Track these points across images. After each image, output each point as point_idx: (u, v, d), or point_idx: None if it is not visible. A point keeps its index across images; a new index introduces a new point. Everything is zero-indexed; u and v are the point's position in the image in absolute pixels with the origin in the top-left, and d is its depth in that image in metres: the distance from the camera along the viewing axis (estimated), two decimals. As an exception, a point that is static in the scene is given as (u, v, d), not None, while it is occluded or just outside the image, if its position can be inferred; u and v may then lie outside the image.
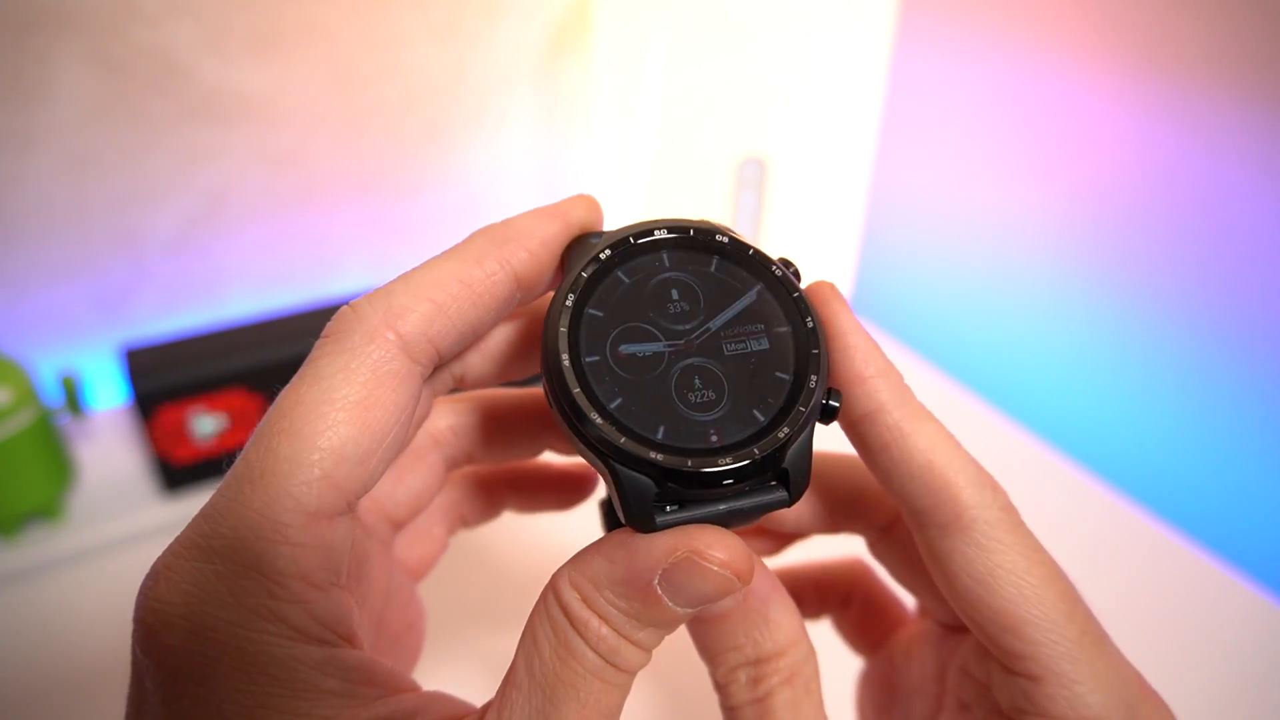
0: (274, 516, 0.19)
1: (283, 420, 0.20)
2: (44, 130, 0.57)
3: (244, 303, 0.70)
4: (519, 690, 0.20)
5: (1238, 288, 0.59)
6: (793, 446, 0.21)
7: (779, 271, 0.23)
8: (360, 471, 0.20)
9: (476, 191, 0.75)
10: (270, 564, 0.19)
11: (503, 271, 0.23)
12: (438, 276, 0.22)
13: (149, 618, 0.19)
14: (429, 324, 0.21)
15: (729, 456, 0.20)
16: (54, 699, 0.46)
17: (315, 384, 0.20)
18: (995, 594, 0.22)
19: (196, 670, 0.19)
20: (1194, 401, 0.63)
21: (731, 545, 0.20)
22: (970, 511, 0.22)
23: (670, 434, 0.21)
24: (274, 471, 0.19)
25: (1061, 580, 0.23)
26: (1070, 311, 0.70)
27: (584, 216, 0.25)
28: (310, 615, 0.19)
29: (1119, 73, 0.62)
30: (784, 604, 0.23)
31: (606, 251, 0.23)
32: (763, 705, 0.23)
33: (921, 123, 0.78)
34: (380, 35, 0.65)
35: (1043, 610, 0.22)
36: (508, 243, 0.23)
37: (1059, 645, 0.22)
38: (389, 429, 0.21)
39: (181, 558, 0.19)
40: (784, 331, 0.23)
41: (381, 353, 0.21)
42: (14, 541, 0.54)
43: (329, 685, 0.19)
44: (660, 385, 0.21)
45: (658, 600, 0.20)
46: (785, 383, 0.22)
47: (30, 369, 0.53)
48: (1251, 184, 0.57)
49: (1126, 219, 0.64)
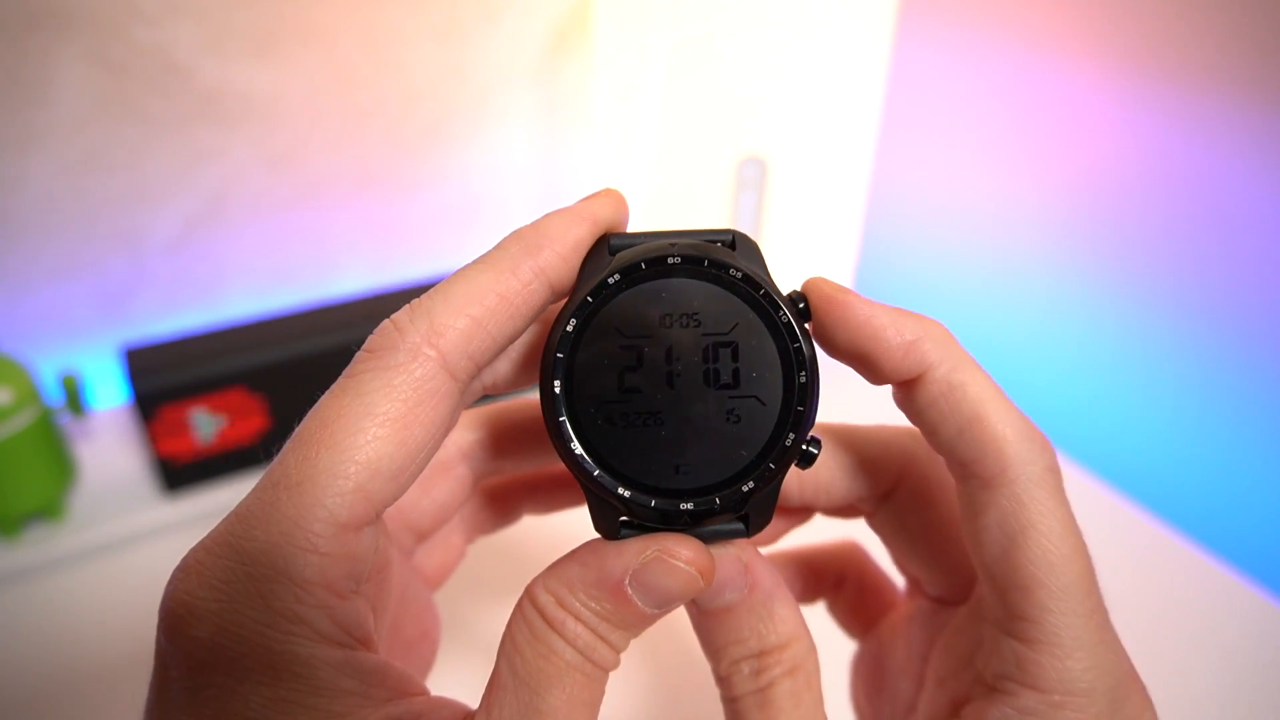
0: (306, 525, 0.20)
1: (323, 430, 0.20)
2: (44, 130, 0.57)
3: (244, 303, 0.70)
4: (505, 689, 0.21)
5: (1239, 286, 0.59)
6: (757, 497, 0.22)
7: (785, 317, 0.23)
8: (393, 486, 0.21)
9: (476, 191, 0.75)
10: (299, 571, 0.20)
11: (538, 281, 0.23)
12: (475, 290, 0.22)
13: (179, 609, 0.20)
14: (469, 341, 0.22)
15: (690, 501, 0.22)
16: (54, 699, 0.46)
17: (358, 398, 0.21)
18: (1022, 551, 0.22)
19: (223, 663, 0.19)
20: (1194, 401, 0.63)
21: (696, 547, 0.22)
22: (1016, 466, 0.23)
23: (642, 471, 0.22)
24: (311, 481, 0.20)
25: (1086, 560, 0.23)
26: (1071, 311, 0.70)
27: (611, 216, 0.25)
28: (332, 620, 0.20)
29: (1120, 73, 0.62)
30: (787, 599, 0.24)
31: (615, 276, 0.22)
32: (764, 695, 0.23)
33: (921, 122, 0.78)
34: (380, 35, 0.65)
35: (1062, 580, 0.22)
36: (541, 250, 0.23)
37: (1066, 617, 0.22)
38: (425, 445, 0.21)
39: (214, 554, 0.20)
40: (776, 380, 0.22)
41: (423, 370, 0.21)
42: (15, 541, 0.54)
43: (346, 685, 0.20)
44: (644, 420, 0.22)
45: (627, 600, 0.21)
46: (765, 435, 0.22)
47: (31, 368, 0.53)
48: (1253, 181, 0.57)
49: (1127, 218, 0.64)
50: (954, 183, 0.77)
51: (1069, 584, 0.22)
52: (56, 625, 0.51)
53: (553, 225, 0.23)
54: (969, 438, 0.23)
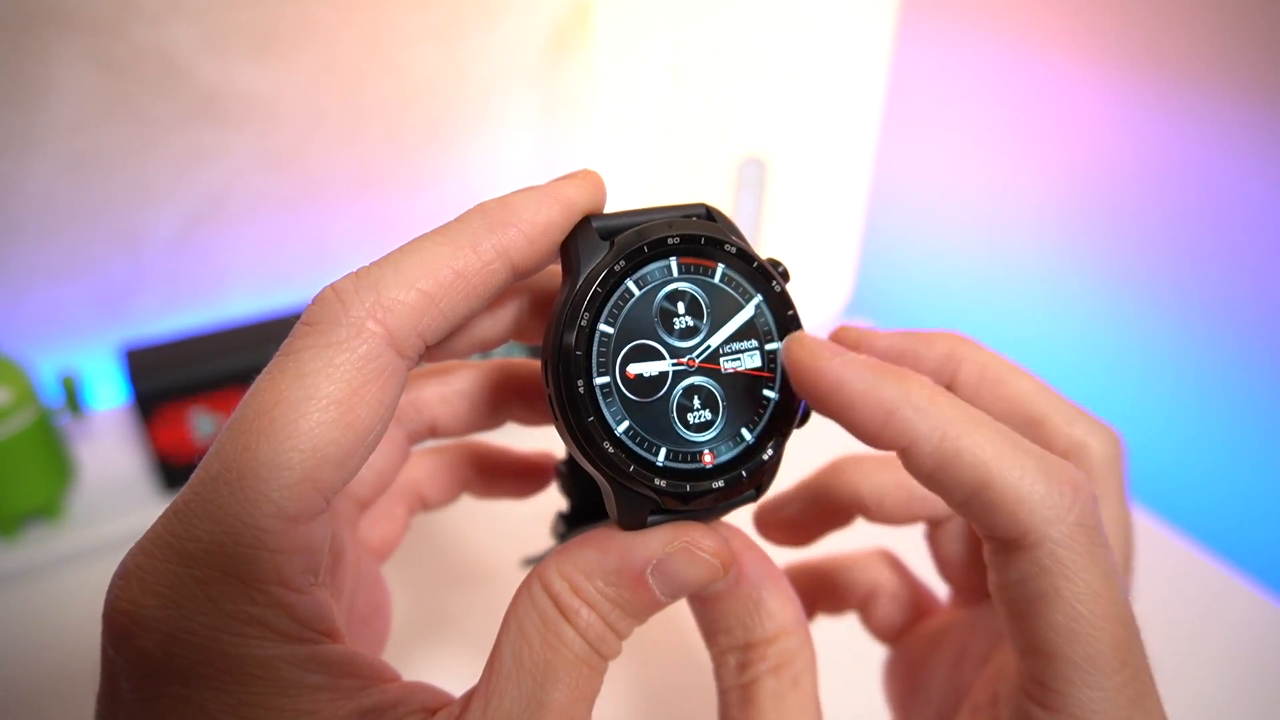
0: (253, 522, 0.18)
1: (261, 418, 0.19)
2: (44, 130, 0.57)
3: (244, 303, 0.70)
4: (508, 679, 0.20)
5: (1237, 283, 0.59)
6: (776, 464, 0.23)
7: (778, 286, 0.23)
8: (341, 472, 0.19)
9: (476, 191, 0.75)
10: (249, 570, 0.18)
11: (500, 261, 0.21)
12: (429, 263, 0.21)
13: (122, 619, 0.19)
14: (419, 317, 0.20)
15: (720, 479, 0.22)
16: (54, 699, 0.46)
17: (298, 379, 0.19)
18: (1044, 618, 0.20)
19: (177, 672, 0.18)
20: (1194, 400, 0.63)
21: (717, 537, 0.22)
22: (1039, 529, 0.20)
23: (671, 456, 0.22)
24: (253, 473, 0.18)
25: (1121, 625, 0.20)
26: (1071, 311, 0.70)
27: (587, 199, 0.23)
28: (291, 617, 0.19)
29: (1118, 71, 0.62)
30: (780, 592, 0.23)
31: (620, 262, 0.22)
32: (747, 692, 0.23)
33: (922, 123, 0.78)
34: (380, 35, 0.65)
35: (1087, 651, 0.20)
36: (506, 227, 0.21)
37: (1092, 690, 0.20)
38: (372, 428, 0.20)
39: (154, 558, 0.19)
40: (774, 349, 0.23)
41: (368, 349, 0.20)
42: (14, 541, 0.54)
43: (312, 681, 0.19)
44: (663, 406, 0.22)
45: (647, 589, 0.21)
46: (771, 401, 0.23)
47: (30, 369, 0.53)
48: (1252, 178, 0.57)
49: (1126, 217, 0.64)
50: (954, 182, 0.77)
51: (1095, 655, 0.20)
52: (56, 625, 0.51)
53: (521, 203, 0.22)
54: (979, 505, 0.20)
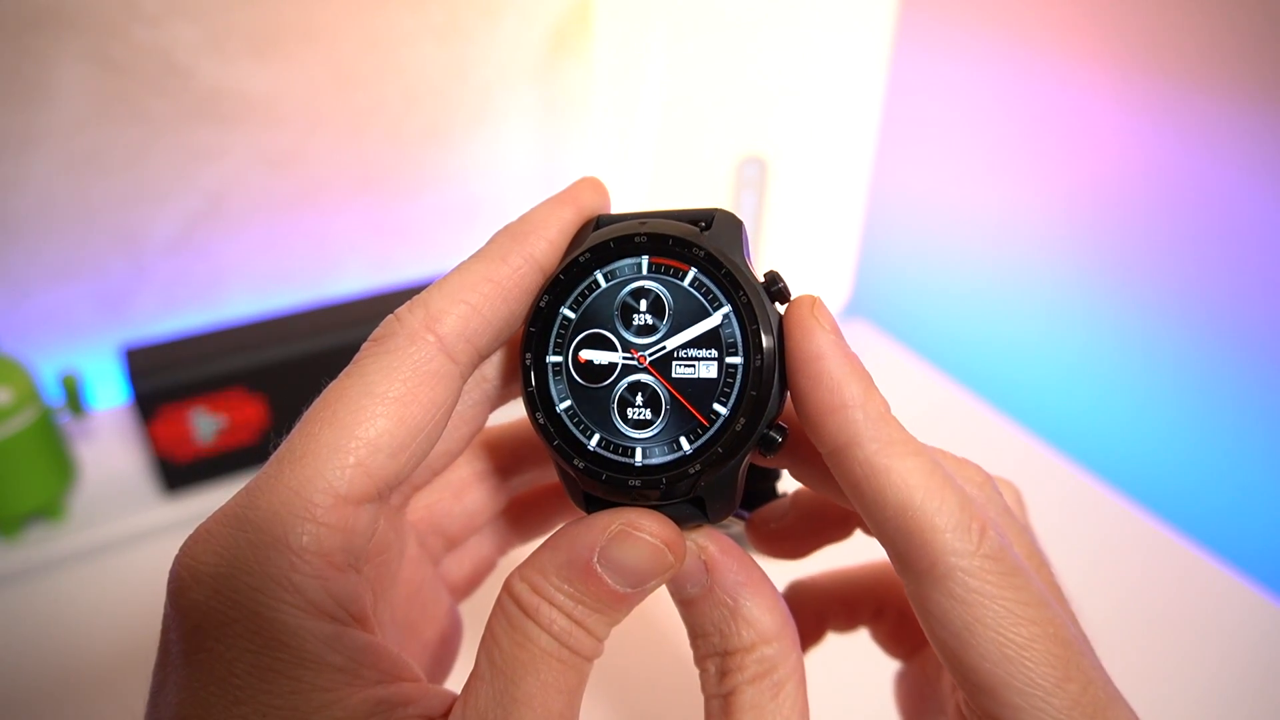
0: (306, 495, 0.20)
1: (326, 410, 0.21)
2: (44, 130, 0.57)
3: (244, 303, 0.70)
4: (481, 679, 0.21)
5: (1237, 288, 0.59)
6: (705, 481, 0.22)
7: (744, 298, 0.22)
8: (393, 463, 0.22)
9: (476, 191, 0.75)
10: (296, 538, 0.20)
11: (527, 265, 0.24)
12: (468, 279, 0.23)
13: (183, 572, 0.21)
14: (466, 324, 0.23)
15: (639, 480, 0.22)
16: (54, 699, 0.46)
17: (360, 380, 0.22)
18: (971, 650, 0.20)
19: (214, 628, 0.20)
20: (1194, 401, 0.63)
21: (662, 521, 0.22)
22: (948, 559, 0.20)
23: (602, 444, 0.23)
24: (313, 454, 0.21)
25: (1055, 642, 0.20)
26: (1070, 311, 0.70)
27: (593, 201, 0.26)
28: (326, 591, 0.20)
29: (1119, 73, 0.62)
30: (761, 599, 0.23)
31: (586, 255, 0.23)
32: (726, 701, 0.22)
33: (921, 123, 0.78)
34: (380, 35, 0.65)
35: (1025, 674, 0.20)
36: (529, 236, 0.24)
37: (1042, 714, 0.20)
38: (425, 424, 0.22)
39: (220, 523, 0.21)
40: (735, 364, 0.22)
41: (422, 353, 0.22)
42: (14, 541, 0.54)
43: (333, 660, 0.20)
44: (606, 395, 0.23)
45: (598, 579, 0.21)
46: (719, 417, 0.22)
47: (31, 369, 0.53)
48: (1251, 184, 0.57)
49: (1126, 219, 0.64)
50: (953, 183, 0.77)
51: (1034, 678, 0.20)
52: (56, 625, 0.51)
53: (538, 214, 0.25)
54: (896, 528, 0.21)
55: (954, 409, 0.70)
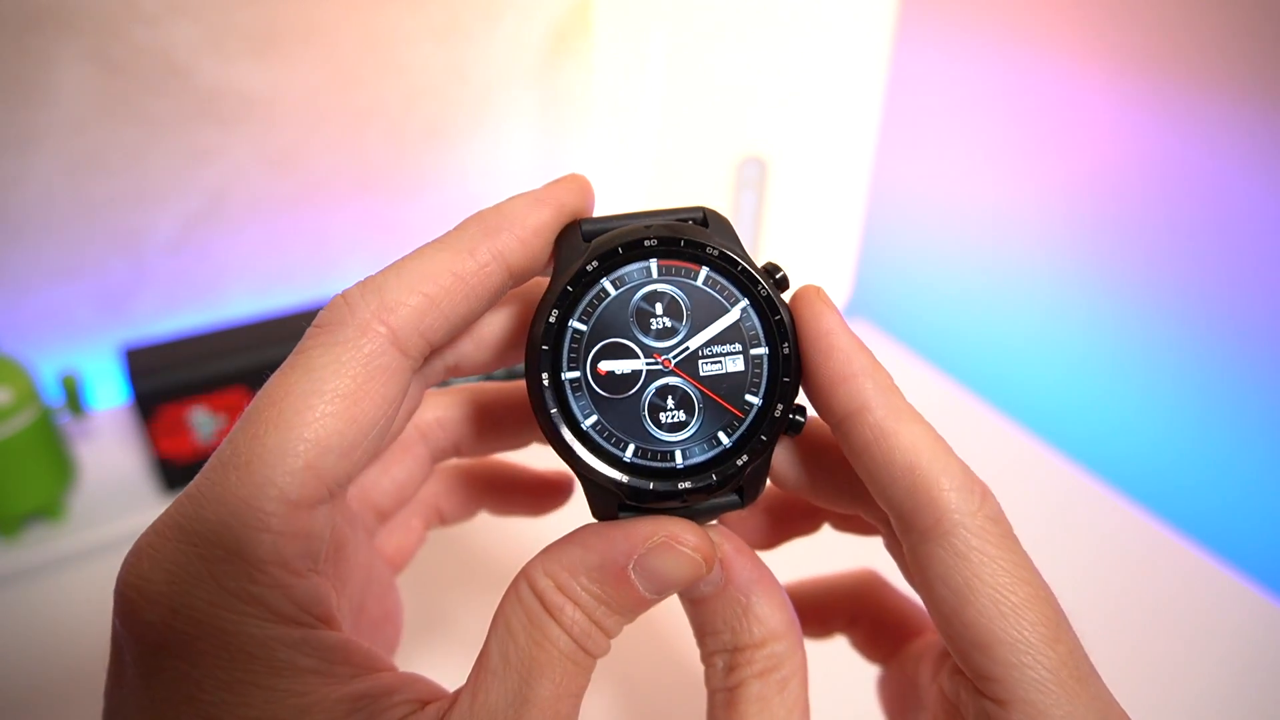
0: (257, 504, 0.19)
1: (270, 409, 0.20)
2: (44, 130, 0.57)
3: (244, 303, 0.70)
4: (494, 675, 0.20)
5: (1237, 286, 0.59)
6: (750, 470, 0.23)
7: (764, 291, 0.23)
8: (344, 463, 0.20)
9: (476, 191, 0.75)
10: (251, 550, 0.19)
11: (495, 263, 0.23)
12: (430, 268, 0.22)
13: (130, 593, 0.20)
14: (421, 318, 0.21)
15: (689, 480, 0.22)
16: (54, 699, 0.46)
17: (306, 375, 0.20)
18: (970, 606, 0.21)
19: (175, 646, 0.19)
20: (1193, 400, 0.63)
21: (700, 533, 0.22)
22: (952, 516, 0.21)
23: (639, 453, 0.23)
24: (260, 459, 0.20)
25: (1047, 605, 0.21)
26: (1070, 311, 0.70)
27: (576, 201, 0.24)
28: (288, 599, 0.20)
29: (1119, 72, 0.62)
30: (771, 597, 0.23)
31: (594, 263, 0.23)
32: (732, 695, 0.23)
33: (921, 123, 0.78)
34: (380, 35, 0.65)
35: (1020, 631, 0.21)
36: (500, 232, 0.23)
37: (1032, 671, 0.20)
38: (376, 422, 0.21)
39: (164, 537, 0.20)
40: (760, 354, 0.23)
41: (373, 346, 0.21)
42: (14, 541, 0.54)
43: (305, 664, 0.20)
44: (634, 404, 0.23)
45: (630, 585, 0.21)
46: (753, 407, 0.23)
47: (31, 369, 0.53)
48: (1252, 182, 0.57)
49: (1126, 218, 0.64)
50: (954, 183, 0.77)
51: (1028, 635, 0.21)
52: (56, 625, 0.51)
53: (514, 208, 0.23)
54: (903, 487, 0.21)
55: (954, 408, 0.70)
